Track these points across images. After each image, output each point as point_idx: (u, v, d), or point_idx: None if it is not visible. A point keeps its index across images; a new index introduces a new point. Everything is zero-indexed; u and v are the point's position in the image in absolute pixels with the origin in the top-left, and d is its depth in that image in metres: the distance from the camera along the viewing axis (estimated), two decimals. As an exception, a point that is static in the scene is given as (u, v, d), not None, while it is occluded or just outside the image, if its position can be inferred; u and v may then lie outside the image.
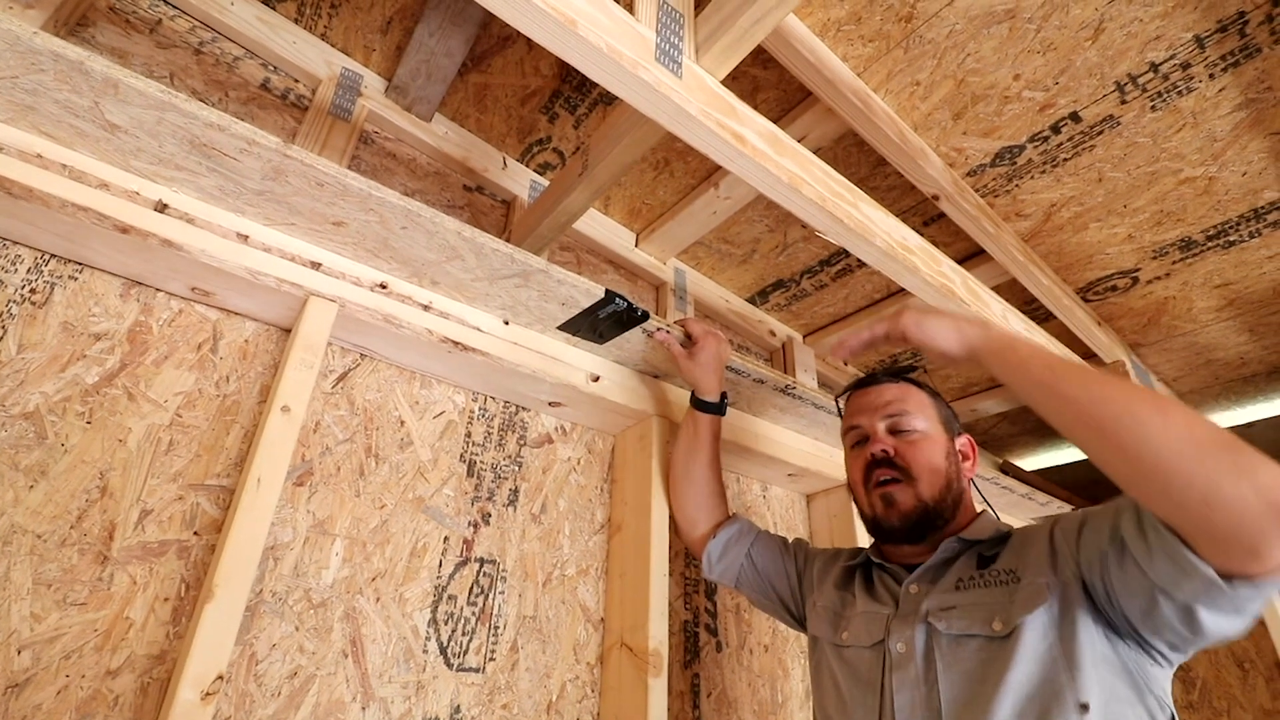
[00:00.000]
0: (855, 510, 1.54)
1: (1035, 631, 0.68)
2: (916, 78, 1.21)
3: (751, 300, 1.89)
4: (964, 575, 0.79)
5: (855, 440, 0.97)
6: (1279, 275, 1.62)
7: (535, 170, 1.48)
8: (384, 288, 0.99)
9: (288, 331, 1.01)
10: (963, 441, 0.95)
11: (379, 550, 0.98)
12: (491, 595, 1.07)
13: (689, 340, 1.13)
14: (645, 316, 1.08)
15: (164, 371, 0.89)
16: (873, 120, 1.19)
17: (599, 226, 1.56)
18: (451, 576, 1.04)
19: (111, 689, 0.74)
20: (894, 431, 0.91)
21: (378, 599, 0.95)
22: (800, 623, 1.07)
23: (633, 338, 1.15)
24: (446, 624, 1.01)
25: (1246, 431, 2.24)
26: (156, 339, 0.90)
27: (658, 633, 1.08)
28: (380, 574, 0.97)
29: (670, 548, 1.28)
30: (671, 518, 1.19)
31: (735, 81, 1.21)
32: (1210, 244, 1.54)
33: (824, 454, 1.58)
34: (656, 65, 0.74)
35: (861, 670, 0.82)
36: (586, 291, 1.03)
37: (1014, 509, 1.99)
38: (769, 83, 1.24)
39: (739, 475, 1.58)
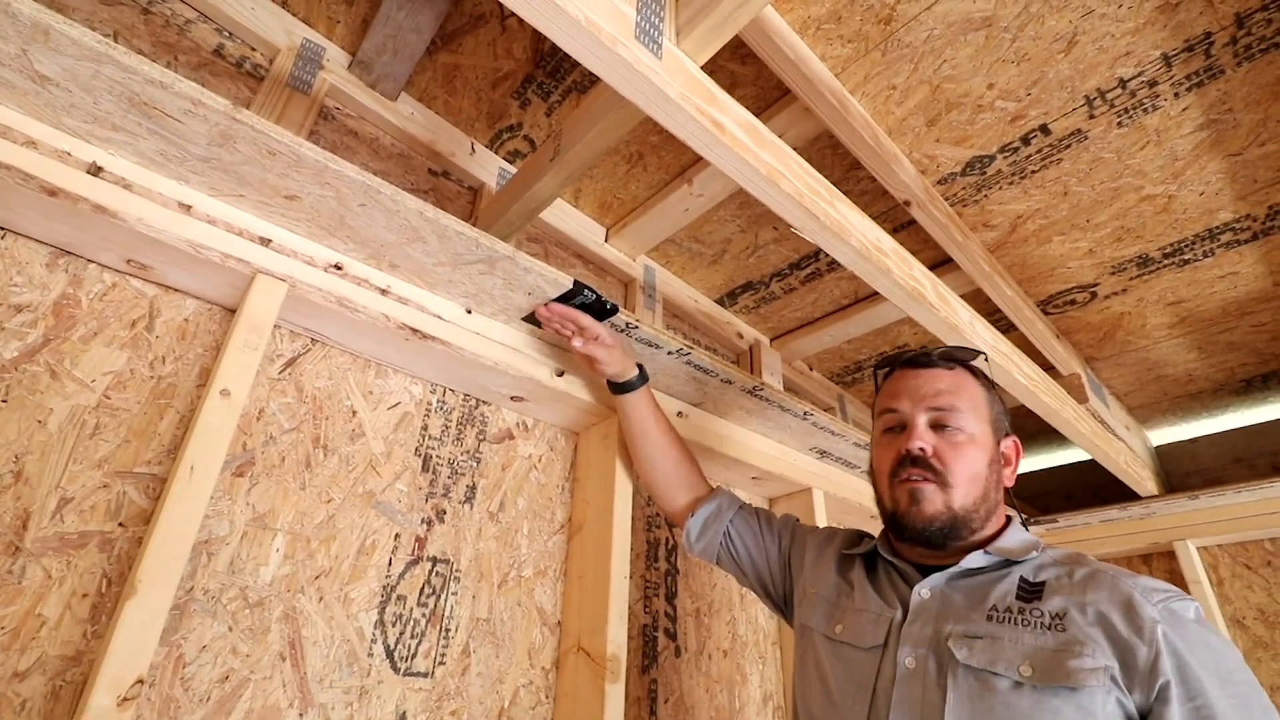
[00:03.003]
0: (818, 517, 1.54)
1: (1064, 698, 0.63)
2: (893, 82, 1.20)
3: (720, 302, 1.88)
4: (1000, 604, 0.72)
5: (889, 426, 0.87)
6: (1229, 295, 1.67)
7: (504, 158, 1.43)
8: (339, 269, 0.94)
9: (232, 312, 0.95)
10: (1007, 444, 0.86)
11: (324, 547, 0.93)
12: (444, 596, 1.02)
13: (581, 332, 1.03)
14: (614, 310, 1.05)
15: (92, 349, 0.82)
16: (849, 122, 1.18)
17: (568, 219, 1.53)
18: (402, 576, 0.99)
19: (18, 692, 0.67)
20: (938, 427, 0.82)
21: (321, 599, 0.90)
22: (779, 606, 1.02)
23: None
24: (394, 626, 0.96)
25: (1190, 447, 2.32)
26: (85, 313, 0.83)
27: (617, 637, 1.04)
28: (324, 572, 0.91)
29: (631, 549, 1.25)
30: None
31: (712, 76, 1.19)
32: (1166, 262, 1.58)
33: (788, 458, 1.58)
34: (636, 44, 0.71)
35: (854, 670, 0.78)
36: (554, 281, 1.00)
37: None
38: (746, 79, 1.22)
39: (703, 477, 1.55)
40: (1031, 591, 0.72)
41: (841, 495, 1.67)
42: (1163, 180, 1.37)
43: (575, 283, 1.01)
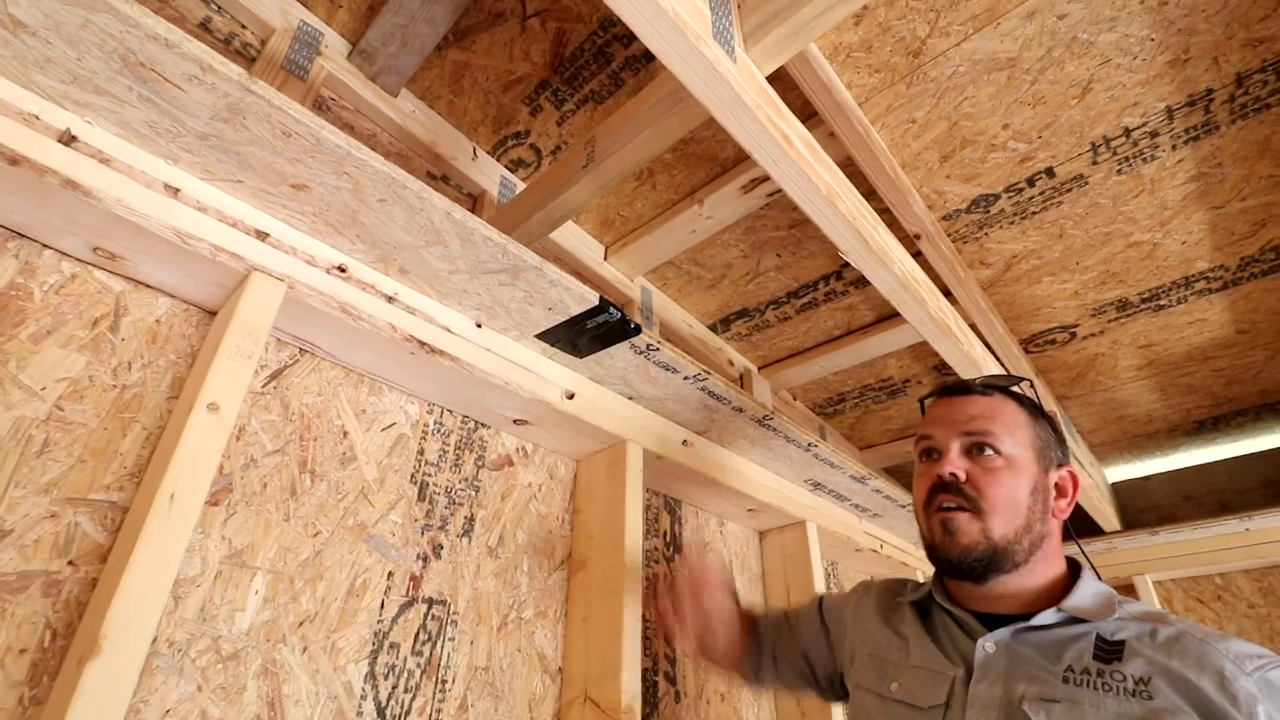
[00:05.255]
0: (812, 551, 1.49)
1: None
2: (914, 115, 1.20)
3: (713, 327, 1.83)
4: (1076, 665, 0.66)
5: (924, 452, 0.82)
6: (1195, 340, 1.75)
7: (506, 166, 1.35)
8: (343, 271, 0.84)
9: (212, 314, 0.83)
10: (1061, 475, 0.79)
11: (309, 588, 0.81)
12: (440, 642, 0.91)
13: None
14: (638, 330, 0.98)
15: (44, 350, 0.69)
16: (871, 151, 1.17)
17: (567, 234, 1.45)
18: (395, 620, 0.87)
19: (-75, 778, 0.53)
20: (972, 452, 0.77)
21: (305, 649, 0.78)
22: (825, 693, 0.97)
23: (616, 354, 1.04)
24: (386, 679, 0.84)
25: (1144, 485, 2.42)
26: (38, 308, 0.70)
27: (630, 685, 0.96)
28: (309, 617, 0.79)
29: (636, 588, 1.16)
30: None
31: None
32: (1143, 306, 1.64)
33: (784, 490, 1.53)
34: (715, 44, 0.65)
35: None
36: (579, 297, 0.92)
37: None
38: (769, 101, 1.19)
39: (698, 509, 1.49)
40: (1110, 652, 0.66)
41: (832, 529, 1.63)
42: (1150, 228, 1.42)
43: (601, 299, 0.94)
